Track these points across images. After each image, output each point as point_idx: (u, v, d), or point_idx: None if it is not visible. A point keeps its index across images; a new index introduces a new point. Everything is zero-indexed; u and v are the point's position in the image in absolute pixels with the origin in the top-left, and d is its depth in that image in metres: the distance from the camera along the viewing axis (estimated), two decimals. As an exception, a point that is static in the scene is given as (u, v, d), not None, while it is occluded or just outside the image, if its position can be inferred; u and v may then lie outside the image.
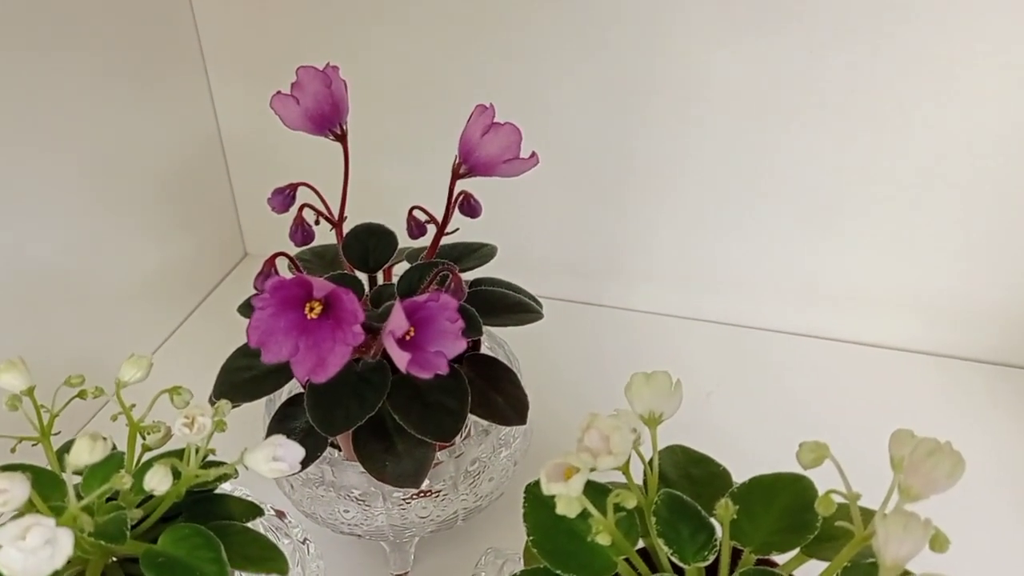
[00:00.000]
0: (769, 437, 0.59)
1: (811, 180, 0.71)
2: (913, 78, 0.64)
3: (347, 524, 0.50)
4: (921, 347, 0.76)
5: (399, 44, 0.73)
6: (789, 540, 0.38)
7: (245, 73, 0.79)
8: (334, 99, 0.46)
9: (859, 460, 0.36)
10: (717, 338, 0.79)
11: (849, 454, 0.35)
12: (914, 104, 0.65)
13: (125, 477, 0.34)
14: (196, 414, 0.34)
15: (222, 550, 0.35)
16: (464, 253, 0.53)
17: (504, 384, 0.48)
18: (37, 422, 0.38)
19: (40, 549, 0.29)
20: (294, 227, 0.49)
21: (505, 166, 0.45)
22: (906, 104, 0.65)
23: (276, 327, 0.39)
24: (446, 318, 0.39)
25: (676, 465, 0.43)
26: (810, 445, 0.35)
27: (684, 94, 0.69)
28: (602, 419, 0.35)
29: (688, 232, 0.77)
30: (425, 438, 0.44)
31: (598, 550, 0.37)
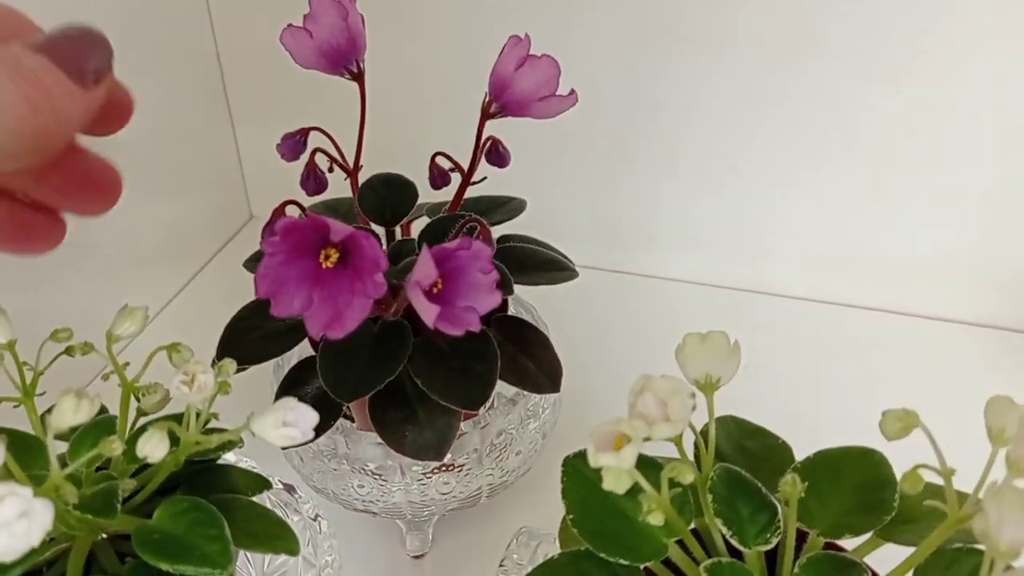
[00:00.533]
0: (817, 412, 0.55)
1: (853, 144, 0.67)
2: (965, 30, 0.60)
3: (361, 500, 0.46)
4: (970, 319, 0.72)
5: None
6: (862, 522, 0.34)
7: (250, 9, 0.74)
8: (350, 32, 0.41)
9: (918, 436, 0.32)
10: (752, 307, 0.75)
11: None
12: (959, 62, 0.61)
13: (116, 443, 0.29)
14: (197, 371, 0.30)
15: (225, 527, 0.31)
16: (490, 207, 0.49)
17: (535, 348, 0.44)
18: (19, 380, 0.33)
19: (13, 523, 0.25)
20: (305, 174, 0.45)
21: (541, 104, 0.40)
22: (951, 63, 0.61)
23: (287, 276, 0.34)
24: (478, 269, 0.35)
25: (729, 437, 0.39)
26: (896, 413, 0.31)
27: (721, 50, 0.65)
28: (658, 381, 0.31)
29: (721, 198, 0.73)
30: (451, 405, 0.40)
31: (647, 531, 0.33)
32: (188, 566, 0.30)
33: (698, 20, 0.64)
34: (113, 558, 0.33)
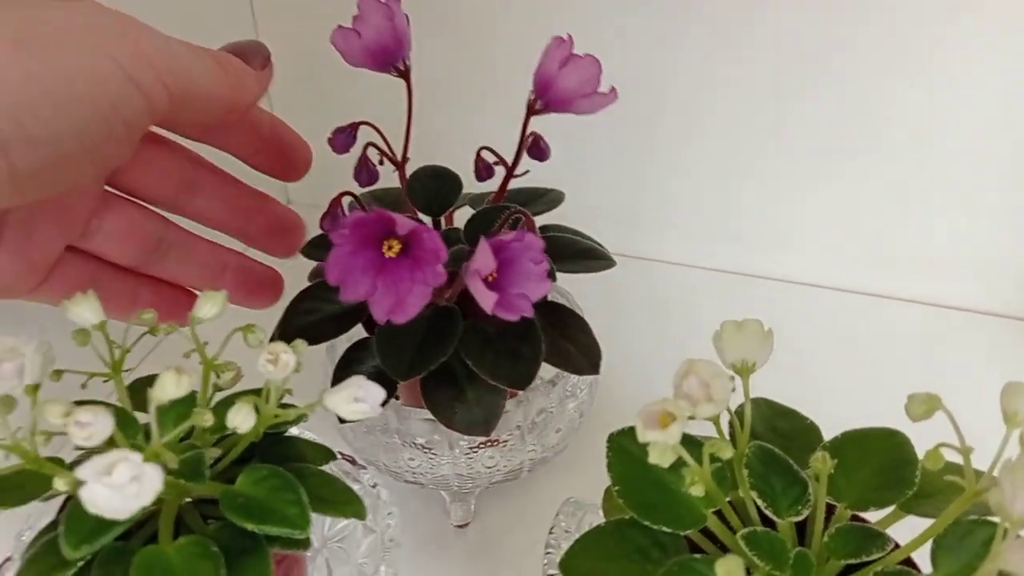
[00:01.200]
0: (839, 395, 0.58)
1: (877, 136, 0.69)
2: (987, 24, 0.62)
3: (411, 472, 0.49)
4: (987, 308, 0.74)
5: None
6: (886, 496, 0.37)
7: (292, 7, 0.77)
8: (396, 32, 0.44)
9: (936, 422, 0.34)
10: (775, 295, 0.77)
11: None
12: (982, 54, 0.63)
13: (207, 414, 0.32)
14: (280, 351, 0.33)
15: (303, 492, 0.34)
16: (531, 198, 0.51)
17: (575, 332, 0.47)
18: (109, 357, 0.36)
19: (127, 485, 0.27)
20: (359, 167, 0.48)
21: (584, 101, 0.43)
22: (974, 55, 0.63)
23: (354, 265, 0.37)
24: (530, 259, 0.38)
25: (762, 418, 0.42)
26: (921, 397, 0.33)
27: (747, 44, 0.67)
28: (702, 365, 0.33)
29: (745, 188, 0.75)
30: (499, 384, 0.42)
31: (687, 502, 0.36)
32: (271, 526, 0.33)
33: (724, 15, 0.66)
34: (198, 519, 0.36)
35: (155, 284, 0.44)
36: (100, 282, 0.42)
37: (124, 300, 0.43)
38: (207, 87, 0.36)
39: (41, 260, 0.39)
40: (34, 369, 0.32)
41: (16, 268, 0.38)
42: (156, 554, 0.32)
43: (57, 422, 0.29)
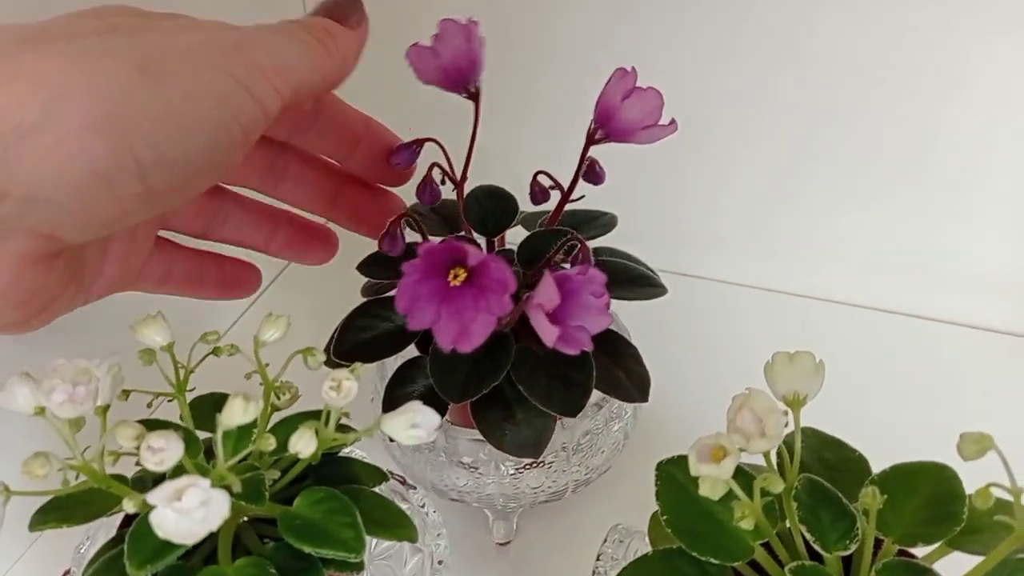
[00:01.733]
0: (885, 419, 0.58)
1: (924, 157, 0.68)
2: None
3: (457, 491, 0.50)
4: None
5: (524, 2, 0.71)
6: (933, 532, 0.37)
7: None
8: (472, 56, 0.44)
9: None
10: (819, 315, 0.77)
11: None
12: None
13: (270, 438, 0.33)
14: (342, 378, 0.33)
15: (358, 515, 0.35)
16: (584, 221, 0.52)
17: (626, 360, 0.47)
18: (175, 378, 0.37)
19: (195, 511, 0.28)
20: (423, 185, 0.48)
21: (644, 133, 0.43)
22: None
23: (420, 293, 0.38)
24: (591, 292, 0.38)
25: (809, 448, 0.42)
26: (973, 436, 0.33)
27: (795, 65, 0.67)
28: (756, 399, 0.34)
29: (793, 207, 0.75)
30: (550, 411, 0.43)
31: (735, 533, 0.36)
32: (327, 550, 0.33)
33: (774, 37, 0.66)
34: (255, 539, 0.36)
35: (218, 260, 0.46)
36: (174, 263, 0.44)
37: (192, 279, 0.45)
38: (314, 75, 0.37)
39: (141, 258, 0.41)
40: (105, 391, 0.33)
41: (121, 271, 0.40)
42: (217, 575, 0.33)
43: (128, 445, 0.30)
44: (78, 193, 0.29)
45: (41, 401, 0.31)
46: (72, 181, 0.29)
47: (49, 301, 0.34)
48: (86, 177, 0.29)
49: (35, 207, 0.29)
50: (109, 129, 0.29)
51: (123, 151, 0.29)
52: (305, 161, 0.47)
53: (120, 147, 0.29)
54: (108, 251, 0.39)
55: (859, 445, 0.41)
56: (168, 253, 0.44)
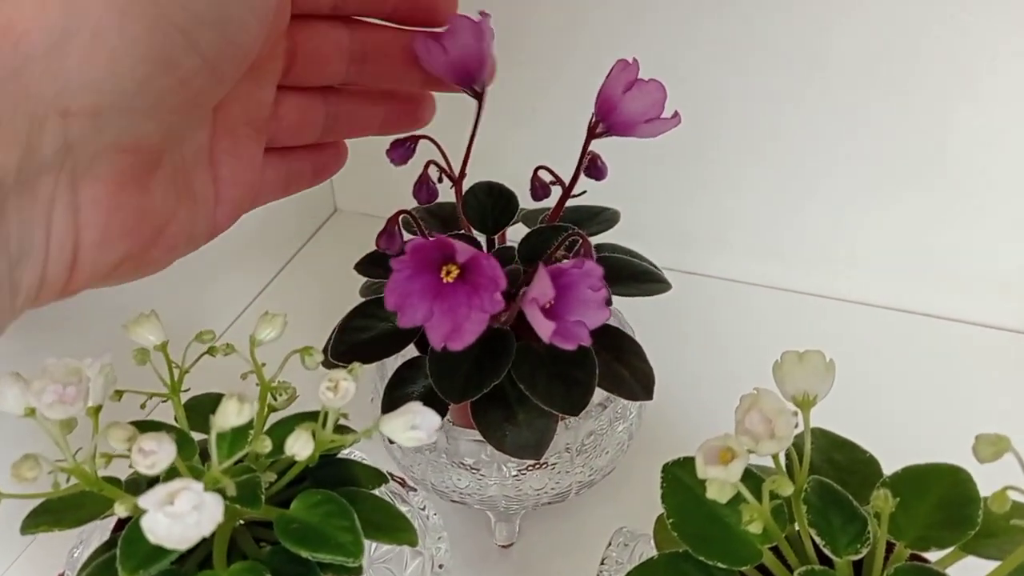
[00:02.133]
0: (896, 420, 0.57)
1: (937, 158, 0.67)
2: None
3: (459, 492, 0.49)
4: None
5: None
6: (947, 536, 0.36)
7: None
8: (482, 55, 0.42)
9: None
10: (827, 313, 0.76)
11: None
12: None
13: (266, 440, 0.32)
14: (340, 379, 0.32)
15: (356, 518, 0.34)
16: (586, 217, 0.51)
17: (629, 357, 0.46)
18: (168, 378, 0.37)
19: (188, 515, 0.27)
20: (419, 184, 0.47)
21: (646, 126, 0.42)
22: None
23: (412, 290, 0.37)
24: (589, 286, 0.37)
25: (819, 449, 0.41)
26: (990, 438, 0.32)
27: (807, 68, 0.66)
28: (765, 400, 0.33)
29: (799, 206, 0.74)
30: (552, 410, 0.42)
31: (743, 537, 0.35)
32: (325, 554, 0.33)
33: (786, 39, 0.66)
34: (251, 543, 0.36)
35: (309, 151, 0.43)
36: (291, 164, 0.42)
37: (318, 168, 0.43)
38: None
39: (253, 172, 0.38)
40: (97, 391, 0.32)
41: (239, 191, 0.37)
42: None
43: (120, 447, 0.30)
44: (141, 87, 0.28)
45: (31, 402, 0.30)
46: (128, 75, 0.27)
47: (162, 225, 0.33)
48: (139, 66, 0.27)
49: (106, 118, 0.28)
50: (139, 6, 0.27)
51: (163, 25, 0.28)
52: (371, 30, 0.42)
53: (158, 22, 0.27)
54: (218, 173, 0.36)
55: (872, 446, 0.41)
56: (280, 158, 0.41)
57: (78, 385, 0.30)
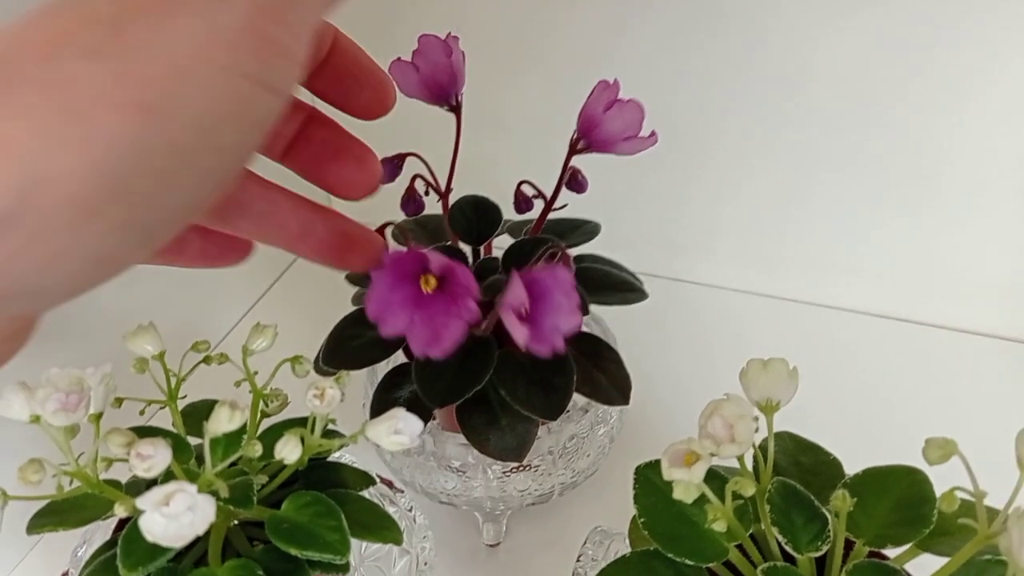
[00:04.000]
0: (863, 425, 0.59)
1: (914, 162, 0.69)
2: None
3: (446, 494, 0.51)
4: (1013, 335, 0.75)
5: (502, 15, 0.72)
6: (903, 534, 0.38)
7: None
8: (452, 70, 0.45)
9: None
10: (806, 319, 0.78)
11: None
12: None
13: (256, 445, 0.34)
14: (326, 387, 0.34)
15: (343, 518, 0.36)
16: (568, 229, 0.53)
17: (607, 363, 0.48)
18: (166, 386, 0.39)
19: (182, 515, 0.29)
20: (406, 198, 0.49)
21: (625, 144, 0.44)
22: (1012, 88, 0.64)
23: (392, 300, 0.39)
24: (562, 292, 0.39)
25: (785, 452, 0.43)
26: (938, 441, 0.34)
27: (785, 71, 0.68)
28: (726, 406, 0.35)
29: (781, 212, 0.76)
30: (531, 415, 0.44)
31: (710, 536, 0.37)
32: (313, 552, 0.35)
33: (774, 50, 0.68)
34: (244, 542, 0.38)
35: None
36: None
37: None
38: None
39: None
40: (98, 399, 0.34)
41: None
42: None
43: (119, 451, 0.32)
44: (69, 282, 0.24)
45: (36, 409, 0.32)
46: (62, 274, 0.23)
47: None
48: (78, 266, 0.23)
49: (9, 303, 0.23)
50: (108, 207, 0.22)
51: (127, 227, 0.23)
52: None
53: (124, 223, 0.23)
54: None
55: (850, 449, 0.42)
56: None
57: (80, 393, 0.32)
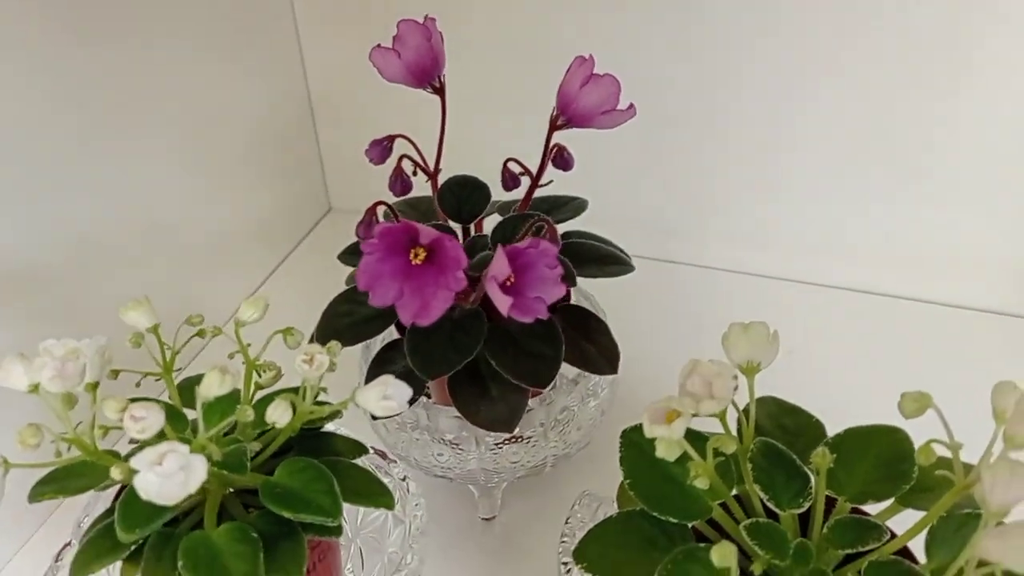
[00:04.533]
0: (851, 393, 0.59)
1: (897, 142, 0.70)
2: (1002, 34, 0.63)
3: (440, 467, 0.52)
4: (1009, 309, 0.75)
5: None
6: (884, 489, 0.39)
7: (334, 23, 0.80)
8: (434, 52, 0.46)
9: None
10: (795, 296, 0.79)
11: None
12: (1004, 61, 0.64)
13: (248, 410, 0.35)
14: (315, 352, 0.35)
15: (335, 483, 0.37)
16: (555, 206, 0.54)
17: (595, 334, 0.49)
18: (161, 358, 0.40)
19: (175, 474, 0.30)
20: (393, 177, 0.50)
21: (603, 117, 0.45)
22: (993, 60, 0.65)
23: (383, 271, 0.40)
24: (545, 264, 0.40)
25: (769, 416, 0.44)
26: (913, 395, 0.35)
27: (775, 53, 0.69)
28: (705, 364, 0.36)
29: (768, 192, 0.77)
30: (521, 384, 0.45)
31: (694, 494, 0.38)
32: (306, 514, 0.36)
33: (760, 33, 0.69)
34: (240, 508, 0.39)
35: None
36: None
37: None
38: None
39: None
40: (94, 369, 0.35)
41: None
42: (201, 538, 0.35)
43: (114, 417, 0.33)
44: None
45: (34, 378, 0.34)
46: None
47: None
48: None
49: None
50: None
51: None
52: None
53: None
54: None
55: (824, 414, 0.43)
56: None
57: (76, 362, 0.33)
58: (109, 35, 0.60)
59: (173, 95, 0.68)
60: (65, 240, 0.59)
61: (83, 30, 0.58)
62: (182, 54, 0.68)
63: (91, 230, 0.62)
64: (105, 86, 0.61)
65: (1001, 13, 0.62)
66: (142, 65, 0.64)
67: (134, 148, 0.65)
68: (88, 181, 0.61)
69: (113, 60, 0.61)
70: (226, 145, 0.75)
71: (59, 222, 0.59)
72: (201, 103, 0.71)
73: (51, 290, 0.58)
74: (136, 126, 0.65)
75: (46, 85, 0.56)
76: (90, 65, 0.59)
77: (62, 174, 0.58)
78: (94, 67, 0.59)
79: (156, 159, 0.67)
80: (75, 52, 0.58)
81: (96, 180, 0.62)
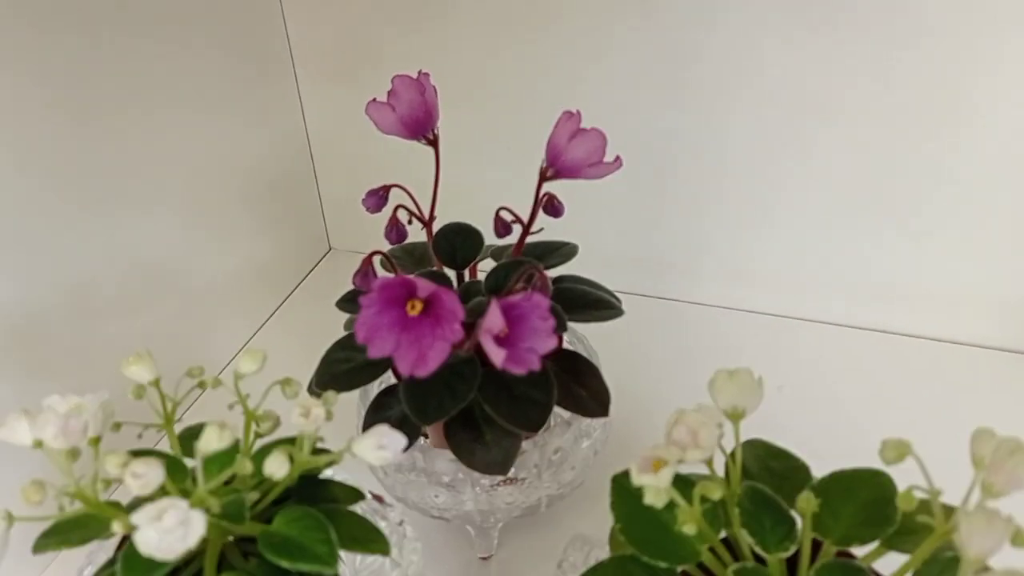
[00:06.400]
0: (840, 432, 0.60)
1: (884, 179, 0.71)
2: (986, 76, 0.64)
3: (437, 508, 0.53)
4: (994, 343, 0.76)
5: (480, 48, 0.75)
6: (869, 533, 0.39)
7: (332, 76, 0.82)
8: (427, 106, 0.48)
9: (932, 456, 0.37)
10: (786, 332, 0.80)
11: (921, 450, 0.36)
12: (988, 104, 0.65)
13: (247, 463, 0.36)
14: (311, 405, 0.36)
15: (332, 531, 0.38)
16: (546, 251, 0.55)
17: (587, 378, 0.50)
18: (162, 410, 0.41)
19: (175, 529, 0.31)
20: (389, 227, 0.52)
21: (590, 170, 0.46)
22: (978, 103, 0.66)
23: (380, 324, 0.41)
24: (538, 316, 0.41)
25: (757, 458, 0.44)
26: (893, 442, 0.36)
27: (761, 92, 0.70)
28: (690, 414, 0.37)
29: (760, 229, 0.78)
30: (513, 429, 0.46)
31: (683, 539, 0.39)
32: (303, 564, 0.36)
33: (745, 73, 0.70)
34: (239, 556, 0.40)
35: None
36: None
37: None
38: None
39: None
40: (97, 424, 0.36)
41: None
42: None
43: (115, 472, 0.34)
44: None
45: (38, 434, 0.35)
46: None
47: None
48: None
49: None
50: None
51: None
52: None
53: None
54: None
55: (813, 451, 0.44)
56: None
57: (79, 418, 0.34)
58: (112, 103, 0.62)
59: (175, 150, 0.69)
60: (65, 290, 0.60)
61: (84, 100, 0.60)
62: (184, 114, 0.70)
63: (92, 280, 0.63)
64: (107, 144, 0.62)
65: (991, 59, 0.63)
66: (144, 124, 0.66)
67: (136, 200, 0.66)
68: (90, 232, 0.62)
69: (114, 124, 0.63)
70: (226, 188, 0.77)
71: (59, 272, 0.60)
72: (204, 156, 0.72)
73: (51, 341, 0.59)
74: (138, 179, 0.66)
75: (46, 146, 0.57)
76: (91, 129, 0.60)
77: (61, 225, 0.60)
78: (96, 130, 0.61)
79: (158, 210, 0.69)
80: (77, 118, 0.59)
81: (98, 232, 0.63)
